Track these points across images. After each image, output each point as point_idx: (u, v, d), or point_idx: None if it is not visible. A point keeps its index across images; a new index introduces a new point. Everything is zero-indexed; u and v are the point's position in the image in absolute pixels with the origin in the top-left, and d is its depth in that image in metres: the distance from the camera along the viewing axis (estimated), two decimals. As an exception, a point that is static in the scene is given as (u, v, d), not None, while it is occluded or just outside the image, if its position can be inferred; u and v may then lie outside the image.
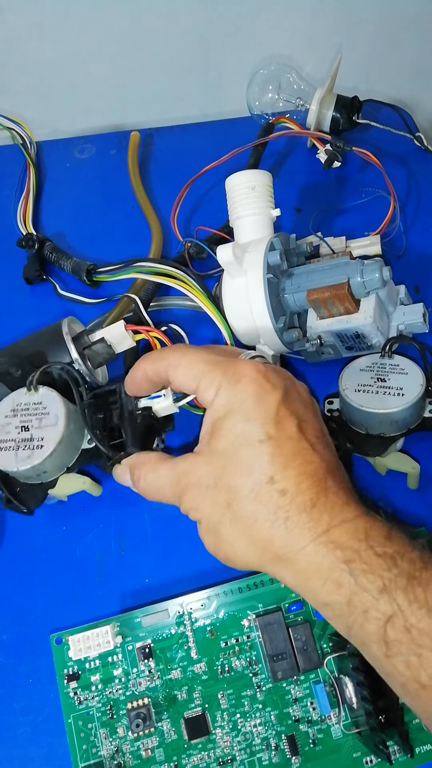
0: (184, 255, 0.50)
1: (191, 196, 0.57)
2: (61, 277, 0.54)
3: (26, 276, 0.53)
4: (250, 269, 0.41)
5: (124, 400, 0.37)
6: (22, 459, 0.36)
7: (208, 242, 0.48)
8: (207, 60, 0.70)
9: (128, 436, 0.36)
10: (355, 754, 0.34)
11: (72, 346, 0.40)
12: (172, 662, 0.35)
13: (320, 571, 0.27)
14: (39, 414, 0.37)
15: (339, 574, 0.27)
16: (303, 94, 0.61)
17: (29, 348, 0.41)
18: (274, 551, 0.28)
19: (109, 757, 0.34)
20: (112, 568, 0.39)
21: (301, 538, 0.28)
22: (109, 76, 0.69)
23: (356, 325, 0.40)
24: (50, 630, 0.36)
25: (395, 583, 0.26)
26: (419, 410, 0.40)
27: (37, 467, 0.36)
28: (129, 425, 0.36)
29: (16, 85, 0.68)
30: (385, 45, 0.72)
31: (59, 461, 0.37)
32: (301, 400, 0.32)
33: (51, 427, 0.36)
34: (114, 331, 0.41)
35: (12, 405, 0.38)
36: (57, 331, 0.41)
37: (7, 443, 0.36)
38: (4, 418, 0.37)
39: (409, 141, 0.61)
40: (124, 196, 0.60)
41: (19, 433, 0.37)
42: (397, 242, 0.53)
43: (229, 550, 0.30)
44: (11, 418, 0.37)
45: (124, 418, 0.37)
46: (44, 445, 0.36)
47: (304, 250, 0.46)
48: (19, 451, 0.36)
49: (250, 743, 0.34)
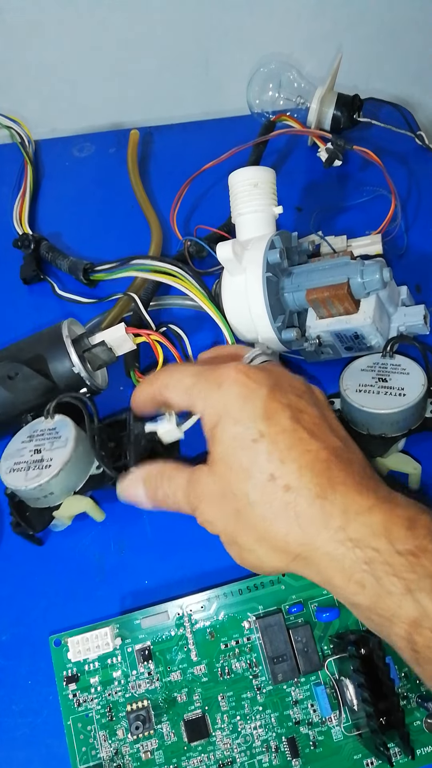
0: (184, 253, 0.50)
1: (191, 194, 0.57)
2: (59, 276, 0.53)
3: (23, 276, 0.53)
4: (250, 267, 0.41)
5: (132, 424, 0.38)
6: (30, 478, 0.37)
7: (207, 241, 0.48)
8: (207, 58, 0.69)
9: (131, 457, 0.37)
10: (355, 756, 0.34)
11: (72, 350, 0.40)
12: (172, 664, 0.35)
13: (342, 570, 0.26)
14: (52, 438, 0.39)
15: (361, 575, 0.26)
16: (303, 93, 0.60)
17: (29, 350, 0.41)
18: (293, 552, 0.28)
19: (108, 759, 0.33)
20: (111, 570, 0.39)
21: (317, 535, 0.27)
22: (109, 74, 0.68)
23: (355, 325, 0.40)
24: (49, 632, 0.36)
25: (419, 585, 0.25)
26: (421, 410, 0.40)
27: (44, 486, 0.37)
28: (133, 448, 0.37)
29: (15, 83, 0.68)
30: (385, 43, 0.72)
31: (66, 483, 0.38)
32: (294, 391, 0.31)
33: (60, 449, 0.38)
34: (114, 334, 0.41)
35: (29, 432, 0.40)
36: (57, 334, 0.41)
37: (20, 465, 0.38)
38: (20, 444, 0.39)
39: (410, 139, 0.61)
40: (123, 195, 0.60)
41: (32, 456, 0.38)
42: (398, 241, 0.53)
43: (254, 558, 0.29)
44: (27, 443, 0.39)
45: (129, 441, 0.38)
46: (52, 465, 0.37)
47: (306, 249, 0.46)
48: (29, 471, 0.37)
49: (250, 745, 0.34)
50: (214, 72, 0.70)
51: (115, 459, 0.38)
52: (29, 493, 0.37)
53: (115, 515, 0.41)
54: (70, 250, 0.55)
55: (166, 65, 0.69)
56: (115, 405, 0.45)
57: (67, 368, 0.41)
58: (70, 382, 0.41)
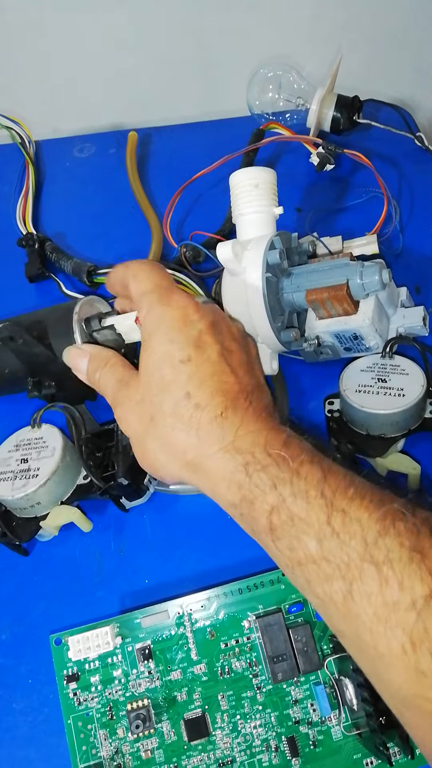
0: (181, 259, 0.50)
1: (185, 200, 0.57)
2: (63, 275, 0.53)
3: (28, 274, 0.53)
4: (250, 267, 0.41)
5: (120, 435, 0.39)
6: (17, 488, 0.37)
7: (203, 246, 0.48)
8: (207, 59, 0.69)
9: (119, 467, 0.38)
10: (355, 756, 0.34)
11: (76, 327, 0.40)
12: (172, 663, 0.35)
13: (225, 474, 0.30)
14: (39, 447, 0.39)
15: (238, 477, 0.29)
16: (303, 94, 0.60)
17: (42, 319, 0.41)
18: (188, 459, 0.31)
19: (108, 758, 0.34)
20: (111, 569, 0.39)
21: (209, 446, 0.30)
22: (109, 74, 0.68)
23: (354, 326, 0.40)
24: (50, 631, 0.36)
25: (281, 479, 0.28)
26: (420, 411, 0.40)
27: (31, 496, 0.37)
28: (122, 458, 0.38)
29: (16, 84, 0.68)
30: (385, 45, 0.72)
31: (53, 492, 0.38)
32: (230, 334, 0.35)
33: (48, 459, 0.38)
34: (125, 321, 0.41)
35: (16, 441, 0.41)
36: (69, 308, 0.41)
37: (6, 474, 0.38)
38: (7, 453, 0.40)
39: (410, 141, 0.61)
40: (124, 195, 0.60)
41: (18, 465, 0.39)
42: (394, 241, 0.53)
43: (154, 461, 0.33)
44: (14, 452, 0.40)
45: (118, 452, 0.39)
46: (39, 474, 0.38)
47: (306, 249, 0.46)
48: (16, 481, 0.38)
49: (250, 745, 0.34)
50: (215, 73, 0.70)
51: (102, 469, 0.39)
52: (16, 502, 0.37)
53: (115, 515, 0.41)
54: (71, 249, 0.55)
55: (167, 66, 0.69)
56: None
57: (68, 344, 0.40)
58: None
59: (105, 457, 0.40)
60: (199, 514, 0.41)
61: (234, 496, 0.30)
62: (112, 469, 0.38)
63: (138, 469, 0.38)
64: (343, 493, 0.27)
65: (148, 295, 0.34)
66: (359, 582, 0.25)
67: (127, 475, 0.38)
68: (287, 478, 0.28)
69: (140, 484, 0.40)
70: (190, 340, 0.32)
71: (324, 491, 0.28)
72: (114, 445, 0.39)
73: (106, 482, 0.38)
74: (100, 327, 0.41)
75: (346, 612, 0.25)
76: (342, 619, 0.26)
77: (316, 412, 0.44)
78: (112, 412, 0.35)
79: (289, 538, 0.28)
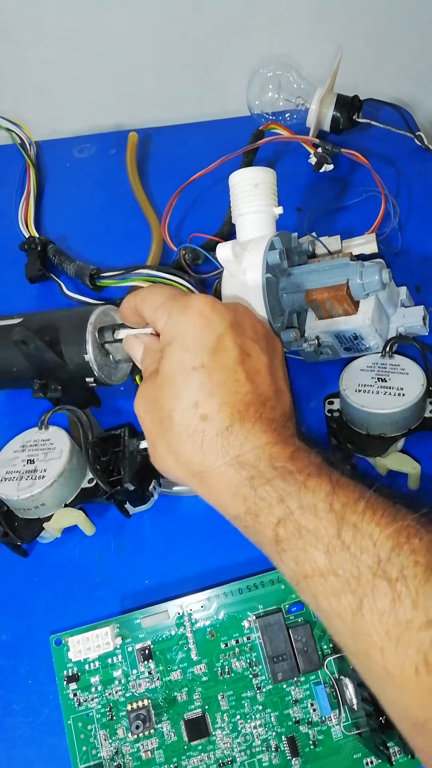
0: (180, 262, 0.50)
1: (185, 200, 0.57)
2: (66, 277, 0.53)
3: (28, 276, 0.53)
4: (249, 268, 0.41)
5: (126, 441, 0.39)
6: (23, 488, 0.37)
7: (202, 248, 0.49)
8: (207, 59, 0.69)
9: (126, 472, 0.38)
10: (355, 756, 0.34)
11: (89, 337, 0.40)
12: (172, 663, 0.35)
13: (229, 488, 0.29)
14: (46, 449, 0.39)
15: (244, 490, 0.29)
16: (303, 94, 0.60)
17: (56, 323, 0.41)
18: (192, 469, 0.31)
19: (108, 759, 0.34)
20: (111, 569, 0.39)
21: (214, 461, 0.30)
22: (109, 75, 0.69)
23: (354, 326, 0.40)
24: (50, 631, 0.36)
25: (288, 492, 0.28)
26: (420, 410, 0.40)
27: (37, 497, 0.37)
28: (128, 463, 0.38)
29: (16, 84, 0.68)
30: (385, 44, 0.72)
31: (59, 495, 0.38)
32: (253, 334, 0.34)
33: (55, 460, 0.38)
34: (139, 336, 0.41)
35: (22, 441, 0.41)
36: (85, 317, 0.41)
37: (12, 474, 0.38)
38: (12, 453, 0.40)
39: (410, 140, 0.61)
40: (124, 195, 0.60)
41: (24, 465, 0.39)
42: (393, 240, 0.53)
43: (162, 463, 0.33)
44: (20, 452, 0.40)
45: (124, 457, 0.39)
46: (45, 476, 0.38)
47: (306, 249, 0.46)
48: (22, 481, 0.38)
49: (250, 745, 0.34)
50: (214, 73, 0.70)
51: (107, 474, 0.39)
52: (20, 503, 0.37)
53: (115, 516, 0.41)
54: (73, 251, 0.55)
55: (167, 66, 0.69)
56: (115, 402, 0.45)
57: (80, 353, 0.40)
58: (80, 367, 0.40)
59: (111, 461, 0.40)
60: (199, 515, 0.41)
61: (238, 509, 0.29)
62: (118, 474, 0.38)
63: (144, 475, 0.39)
64: (353, 507, 0.27)
65: (162, 307, 0.33)
66: (370, 598, 0.24)
67: (134, 480, 0.38)
68: (294, 491, 0.28)
69: (145, 490, 0.40)
70: (207, 345, 0.31)
71: (333, 504, 0.27)
72: (120, 450, 0.39)
73: (112, 487, 0.38)
74: (113, 339, 0.41)
75: (355, 628, 0.25)
76: (350, 635, 0.25)
77: (316, 411, 0.44)
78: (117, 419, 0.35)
79: (296, 550, 0.27)
